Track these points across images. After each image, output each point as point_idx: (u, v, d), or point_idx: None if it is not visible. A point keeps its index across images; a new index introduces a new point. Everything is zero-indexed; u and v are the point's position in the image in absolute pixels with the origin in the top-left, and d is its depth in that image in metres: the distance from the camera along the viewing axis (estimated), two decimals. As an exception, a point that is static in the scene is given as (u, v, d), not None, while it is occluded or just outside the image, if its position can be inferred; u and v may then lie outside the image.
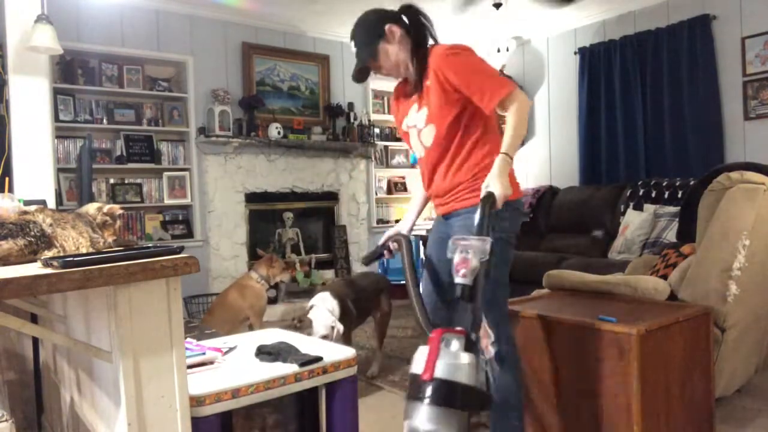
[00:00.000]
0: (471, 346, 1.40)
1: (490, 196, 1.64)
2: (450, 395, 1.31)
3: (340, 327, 2.85)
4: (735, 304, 2.36)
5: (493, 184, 1.67)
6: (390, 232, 2.13)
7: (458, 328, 1.44)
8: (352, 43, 2.01)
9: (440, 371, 1.32)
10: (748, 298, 2.39)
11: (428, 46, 1.99)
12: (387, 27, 1.94)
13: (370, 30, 1.98)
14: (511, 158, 1.76)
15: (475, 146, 1.91)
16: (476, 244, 1.48)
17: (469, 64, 1.86)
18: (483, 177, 1.76)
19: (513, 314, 2.38)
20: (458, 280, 1.47)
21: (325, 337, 2.78)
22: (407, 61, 1.97)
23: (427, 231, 6.18)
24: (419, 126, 1.97)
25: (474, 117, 1.89)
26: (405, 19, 1.98)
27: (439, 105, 1.89)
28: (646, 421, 1.97)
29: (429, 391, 1.31)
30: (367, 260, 2.14)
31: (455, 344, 1.39)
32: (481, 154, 1.90)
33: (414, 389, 1.35)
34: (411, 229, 2.17)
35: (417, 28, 1.98)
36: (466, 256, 1.47)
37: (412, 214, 2.18)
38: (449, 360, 1.34)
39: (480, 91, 1.81)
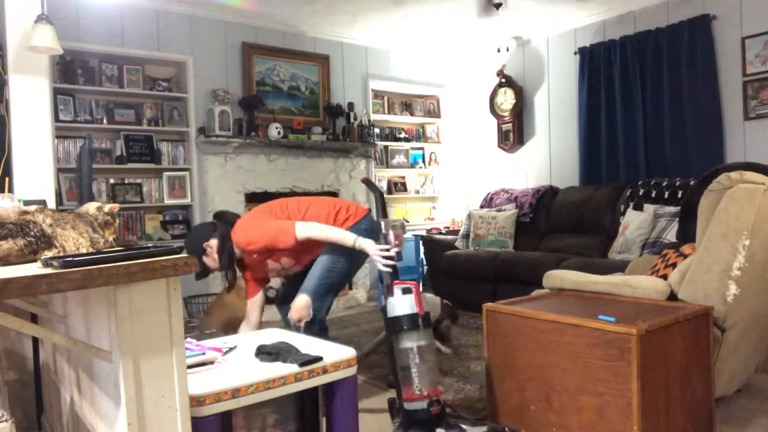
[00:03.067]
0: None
1: None
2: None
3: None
4: (735, 304, 2.36)
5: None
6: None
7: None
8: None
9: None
10: (748, 298, 2.39)
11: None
12: (205, 245, 2.77)
13: (195, 251, 2.77)
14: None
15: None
16: None
17: (261, 234, 2.73)
18: None
19: (513, 314, 2.39)
20: None
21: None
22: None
23: (427, 231, 6.19)
24: (278, 268, 2.91)
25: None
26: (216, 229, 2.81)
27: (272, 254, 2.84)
28: (646, 421, 1.97)
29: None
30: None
31: None
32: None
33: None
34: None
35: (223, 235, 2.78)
36: None
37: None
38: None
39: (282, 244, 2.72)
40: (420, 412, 2.12)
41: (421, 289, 2.25)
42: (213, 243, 2.78)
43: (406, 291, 2.20)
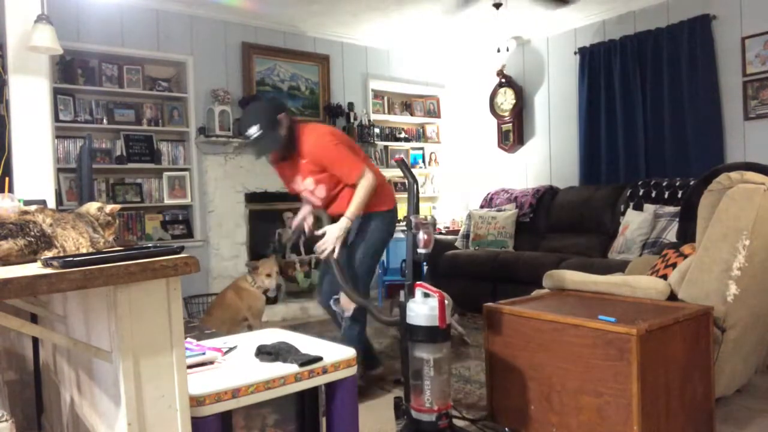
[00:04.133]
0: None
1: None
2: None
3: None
4: (735, 304, 2.36)
5: (330, 229, 2.79)
6: (300, 215, 3.08)
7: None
8: (254, 128, 2.72)
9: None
10: (748, 298, 2.39)
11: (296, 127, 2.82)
12: (280, 116, 2.75)
13: (270, 121, 2.74)
14: (350, 220, 2.80)
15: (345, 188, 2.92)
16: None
17: (334, 153, 2.79)
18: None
19: (513, 314, 2.39)
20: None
21: None
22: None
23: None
24: (309, 188, 2.90)
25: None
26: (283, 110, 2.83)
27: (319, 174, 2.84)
28: (646, 421, 1.97)
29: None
30: (290, 242, 3.13)
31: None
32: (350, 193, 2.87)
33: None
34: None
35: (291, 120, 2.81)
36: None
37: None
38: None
39: (342, 175, 2.83)
40: (428, 424, 2.12)
41: (447, 302, 2.12)
42: (283, 117, 2.78)
43: (427, 296, 2.14)
